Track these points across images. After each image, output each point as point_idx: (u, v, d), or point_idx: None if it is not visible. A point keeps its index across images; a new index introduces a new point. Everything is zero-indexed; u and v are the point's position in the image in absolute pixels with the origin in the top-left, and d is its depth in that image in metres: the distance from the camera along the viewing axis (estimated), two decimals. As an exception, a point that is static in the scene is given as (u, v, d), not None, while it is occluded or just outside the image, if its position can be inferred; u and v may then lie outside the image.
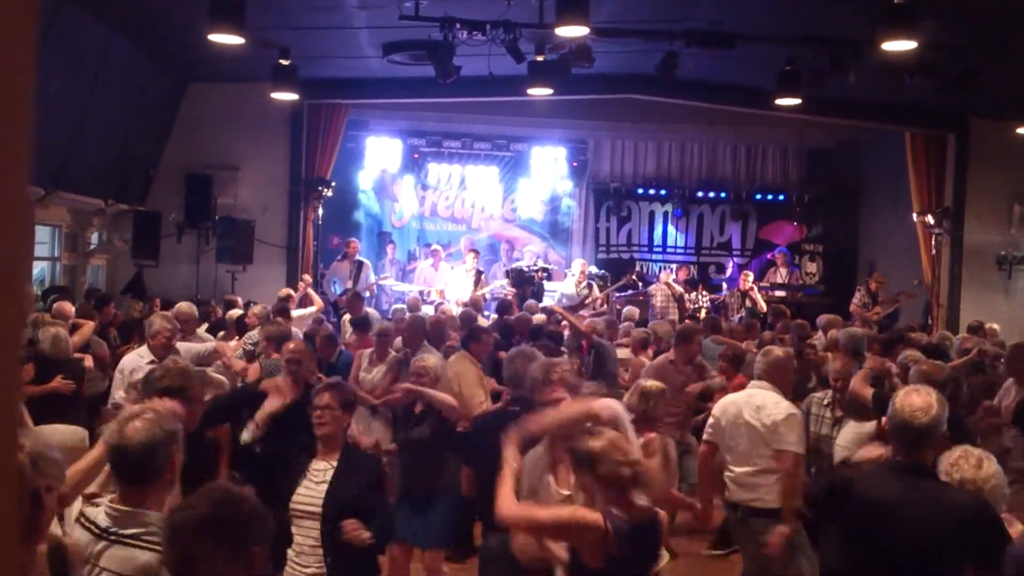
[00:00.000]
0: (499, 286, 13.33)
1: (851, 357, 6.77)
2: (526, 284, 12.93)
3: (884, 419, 4.71)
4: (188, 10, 8.80)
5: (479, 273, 13.37)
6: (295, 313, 9.81)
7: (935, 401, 3.16)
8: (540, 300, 12.34)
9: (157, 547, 2.56)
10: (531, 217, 15.92)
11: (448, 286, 13.33)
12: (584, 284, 13.24)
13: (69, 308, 7.94)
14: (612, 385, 6.96)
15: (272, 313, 8.63)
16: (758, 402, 4.90)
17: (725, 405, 5.10)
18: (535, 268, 13.45)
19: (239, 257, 12.32)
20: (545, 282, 13.45)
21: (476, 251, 13.89)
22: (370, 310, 10.30)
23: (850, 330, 7.90)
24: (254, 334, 7.78)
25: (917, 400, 3.15)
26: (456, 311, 10.66)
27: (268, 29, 9.37)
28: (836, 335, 7.91)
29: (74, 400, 6.61)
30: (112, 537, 2.64)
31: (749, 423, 4.86)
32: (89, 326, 7.63)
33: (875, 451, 4.44)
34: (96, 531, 2.66)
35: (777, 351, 5.24)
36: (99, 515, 2.70)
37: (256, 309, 8.79)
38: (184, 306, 7.74)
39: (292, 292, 10.73)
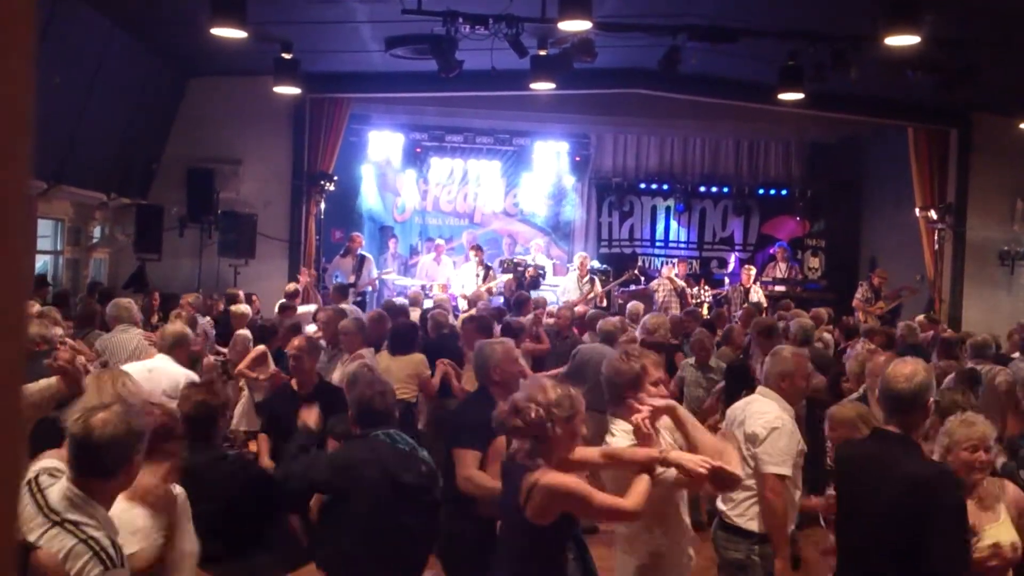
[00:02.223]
0: (503, 281, 13.33)
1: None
2: (515, 276, 12.91)
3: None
4: (190, 4, 8.80)
5: (487, 268, 13.36)
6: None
7: (921, 370, 3.32)
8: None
9: (89, 541, 2.54)
10: (533, 212, 15.93)
11: (454, 282, 13.33)
12: (586, 279, 13.23)
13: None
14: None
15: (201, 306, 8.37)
16: (751, 411, 4.30)
17: (732, 409, 4.61)
18: (528, 264, 13.39)
19: (241, 251, 12.34)
20: (541, 278, 13.41)
21: (478, 247, 13.82)
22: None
23: (800, 320, 7.96)
24: (201, 324, 7.74)
25: (903, 368, 3.33)
26: (463, 305, 10.63)
27: (270, 23, 9.36)
28: (788, 324, 7.99)
29: None
30: (56, 519, 2.58)
31: (738, 432, 4.30)
32: None
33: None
34: (45, 508, 2.60)
35: (785, 352, 4.55)
36: (54, 493, 2.64)
37: (190, 298, 8.62)
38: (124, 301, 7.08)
39: (298, 287, 10.73)
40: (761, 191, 16.20)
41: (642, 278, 14.29)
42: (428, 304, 10.68)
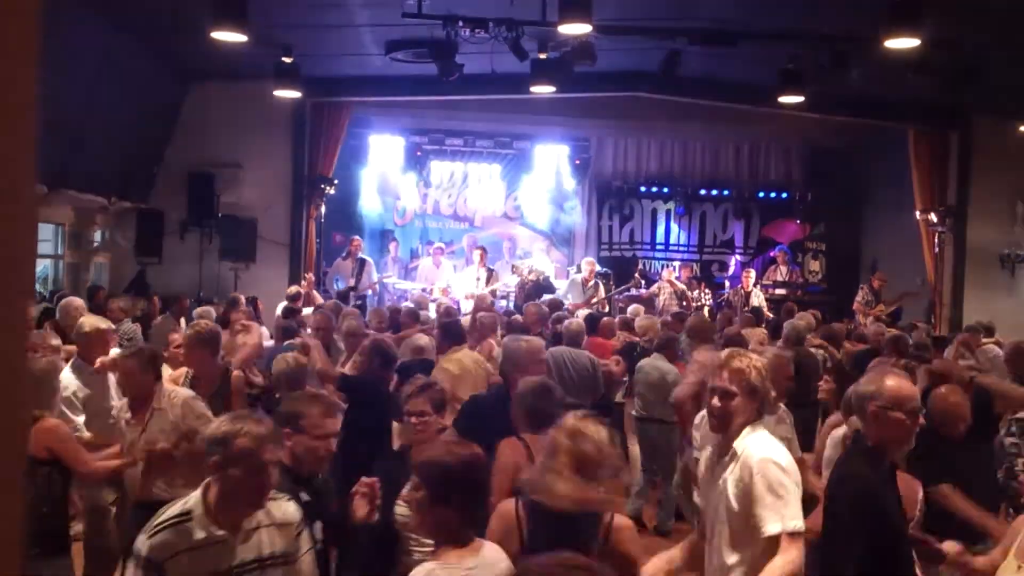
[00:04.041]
0: (512, 284, 13.26)
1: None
2: (521, 280, 12.90)
3: None
4: (191, 8, 8.81)
5: (490, 271, 13.33)
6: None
7: (874, 378, 3.29)
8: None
9: (154, 532, 2.66)
10: (533, 215, 15.91)
11: (454, 285, 13.31)
12: (592, 284, 13.16)
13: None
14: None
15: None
16: None
17: None
18: (534, 267, 13.34)
19: (242, 255, 12.36)
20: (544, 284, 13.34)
21: (483, 249, 13.71)
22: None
23: (793, 322, 7.99)
24: (128, 328, 7.56)
25: (867, 375, 3.48)
26: (467, 307, 10.60)
27: (271, 27, 9.38)
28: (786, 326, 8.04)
29: None
30: None
31: None
32: None
33: None
34: None
35: (768, 353, 4.61)
36: None
37: (120, 302, 8.44)
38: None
39: (300, 290, 10.70)
40: (761, 194, 16.19)
41: (643, 281, 14.26)
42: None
